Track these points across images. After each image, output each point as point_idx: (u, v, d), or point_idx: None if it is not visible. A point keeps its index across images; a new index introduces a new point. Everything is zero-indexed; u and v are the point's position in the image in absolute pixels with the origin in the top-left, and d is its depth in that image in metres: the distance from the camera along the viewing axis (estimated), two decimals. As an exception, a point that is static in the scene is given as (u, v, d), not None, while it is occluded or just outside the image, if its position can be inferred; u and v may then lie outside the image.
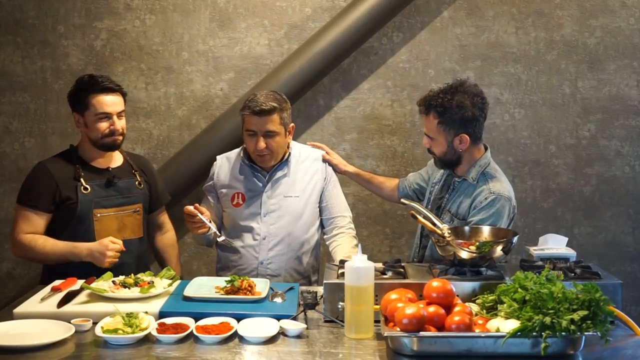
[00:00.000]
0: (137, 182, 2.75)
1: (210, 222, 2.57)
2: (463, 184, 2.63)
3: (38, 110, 3.69)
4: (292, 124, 2.72)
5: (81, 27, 3.64)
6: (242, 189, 2.73)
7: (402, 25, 3.66)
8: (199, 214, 2.52)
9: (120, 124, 2.65)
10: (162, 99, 3.68)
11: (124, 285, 2.28)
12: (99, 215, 2.62)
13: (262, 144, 2.61)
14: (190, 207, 2.52)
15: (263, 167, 2.72)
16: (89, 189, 2.61)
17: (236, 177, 2.74)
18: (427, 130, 2.63)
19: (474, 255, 2.15)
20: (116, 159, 2.76)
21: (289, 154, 2.75)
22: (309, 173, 2.77)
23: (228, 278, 2.31)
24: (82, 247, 2.52)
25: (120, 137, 2.67)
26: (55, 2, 3.63)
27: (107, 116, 2.62)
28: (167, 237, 2.95)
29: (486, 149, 2.67)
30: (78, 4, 3.63)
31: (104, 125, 2.61)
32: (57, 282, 2.40)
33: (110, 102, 2.62)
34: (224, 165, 2.80)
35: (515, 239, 2.19)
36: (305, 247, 2.75)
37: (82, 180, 2.61)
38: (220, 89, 3.68)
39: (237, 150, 2.83)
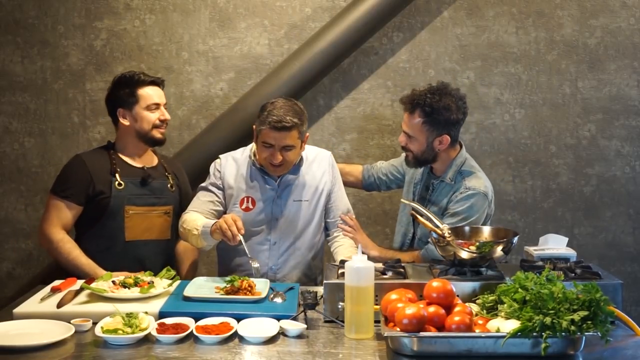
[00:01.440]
0: (169, 185, 2.78)
1: (244, 242, 2.44)
2: (441, 185, 2.71)
3: (38, 110, 3.69)
4: (307, 134, 2.66)
5: (81, 27, 3.64)
6: (252, 193, 2.66)
7: (402, 25, 3.66)
8: (241, 238, 2.39)
9: (167, 114, 2.74)
10: (162, 99, 3.67)
11: (124, 285, 2.28)
12: (130, 212, 2.65)
13: (278, 157, 2.54)
14: (241, 226, 2.39)
15: None
16: (123, 185, 2.64)
17: (246, 181, 2.68)
18: (408, 128, 2.67)
19: (474, 255, 2.15)
20: (152, 160, 2.79)
21: (300, 158, 2.69)
22: (317, 175, 2.73)
23: (228, 278, 2.31)
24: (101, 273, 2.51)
25: (166, 129, 2.75)
26: (55, 2, 3.63)
27: (157, 106, 2.70)
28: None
29: (461, 146, 2.75)
30: (78, 4, 3.63)
31: (154, 115, 2.69)
32: (57, 282, 2.40)
33: (158, 94, 2.73)
34: (231, 166, 2.72)
35: (515, 239, 2.20)
36: (314, 251, 2.73)
37: (117, 175, 2.65)
38: (220, 89, 3.68)
39: (241, 151, 2.77)
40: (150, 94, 2.69)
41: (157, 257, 2.71)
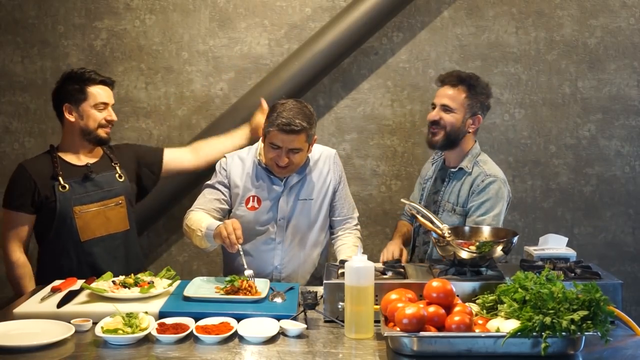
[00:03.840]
0: (117, 175, 2.74)
1: (242, 252, 2.44)
2: (459, 173, 2.71)
3: (38, 110, 3.69)
4: (315, 136, 2.64)
5: (81, 27, 3.64)
6: (258, 192, 2.66)
7: (402, 25, 3.66)
8: (239, 246, 2.39)
9: (114, 115, 2.73)
10: (162, 99, 3.68)
11: (124, 285, 2.28)
12: (79, 212, 2.62)
13: (285, 159, 2.54)
14: (240, 235, 2.39)
15: None
16: (67, 187, 2.61)
17: (252, 180, 2.67)
18: (450, 99, 2.66)
19: (474, 255, 2.15)
20: (94, 155, 2.76)
21: (307, 158, 2.69)
22: (323, 174, 2.73)
23: (228, 278, 2.31)
24: None
25: (110, 129, 2.73)
26: (55, 2, 3.63)
27: (105, 106, 2.68)
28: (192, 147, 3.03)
29: (475, 141, 2.77)
30: (78, 3, 3.63)
31: (101, 115, 2.67)
32: (57, 282, 2.40)
33: (108, 94, 2.70)
34: (237, 165, 2.71)
35: (515, 239, 2.20)
36: (319, 249, 2.73)
37: (60, 179, 2.61)
38: (220, 89, 3.68)
39: (246, 150, 2.77)
40: (99, 92, 2.67)
41: (118, 250, 2.70)
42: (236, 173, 2.70)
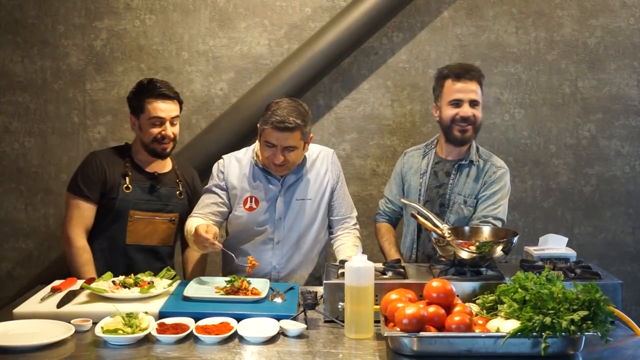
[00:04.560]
0: (178, 192, 2.78)
1: (223, 248, 2.47)
2: (469, 166, 2.73)
3: (38, 110, 3.69)
4: (310, 135, 2.64)
5: (81, 27, 3.64)
6: (255, 193, 2.66)
7: (402, 25, 3.66)
8: (219, 244, 2.40)
9: (172, 130, 2.70)
10: (162, 99, 3.67)
11: (124, 285, 2.28)
12: (134, 216, 2.66)
13: (280, 157, 2.54)
14: (210, 236, 2.38)
15: None
16: (131, 189, 2.66)
17: (249, 181, 2.67)
18: (476, 94, 2.68)
19: (474, 255, 2.15)
20: (165, 165, 2.80)
21: (303, 157, 2.69)
22: (320, 173, 2.73)
23: (228, 278, 2.31)
24: None
25: (171, 144, 2.73)
26: (55, 1, 3.63)
27: (161, 121, 2.67)
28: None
29: None
30: (78, 3, 3.63)
31: (155, 130, 2.67)
32: (57, 282, 2.40)
33: (165, 108, 2.68)
34: (234, 166, 2.71)
35: (515, 239, 2.20)
36: (317, 249, 2.73)
37: (127, 179, 2.67)
38: (220, 89, 3.68)
39: (244, 151, 2.77)
40: (156, 107, 2.66)
41: (156, 263, 2.71)
42: (233, 174, 2.70)
